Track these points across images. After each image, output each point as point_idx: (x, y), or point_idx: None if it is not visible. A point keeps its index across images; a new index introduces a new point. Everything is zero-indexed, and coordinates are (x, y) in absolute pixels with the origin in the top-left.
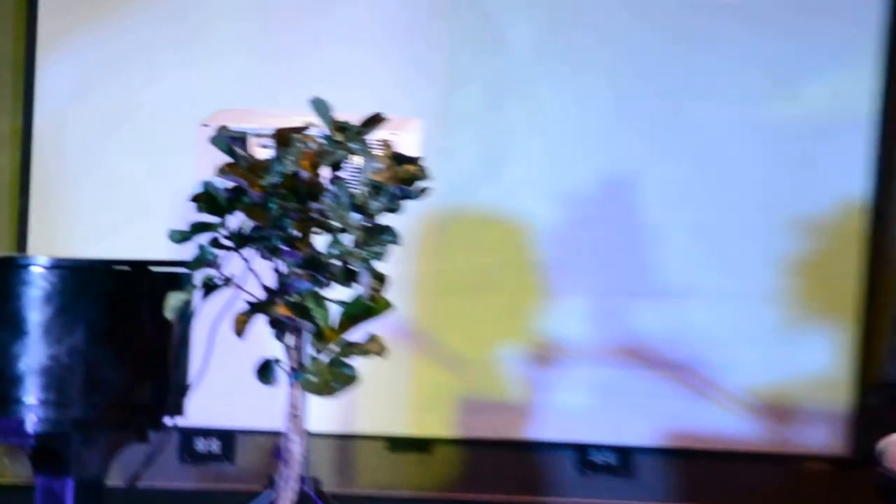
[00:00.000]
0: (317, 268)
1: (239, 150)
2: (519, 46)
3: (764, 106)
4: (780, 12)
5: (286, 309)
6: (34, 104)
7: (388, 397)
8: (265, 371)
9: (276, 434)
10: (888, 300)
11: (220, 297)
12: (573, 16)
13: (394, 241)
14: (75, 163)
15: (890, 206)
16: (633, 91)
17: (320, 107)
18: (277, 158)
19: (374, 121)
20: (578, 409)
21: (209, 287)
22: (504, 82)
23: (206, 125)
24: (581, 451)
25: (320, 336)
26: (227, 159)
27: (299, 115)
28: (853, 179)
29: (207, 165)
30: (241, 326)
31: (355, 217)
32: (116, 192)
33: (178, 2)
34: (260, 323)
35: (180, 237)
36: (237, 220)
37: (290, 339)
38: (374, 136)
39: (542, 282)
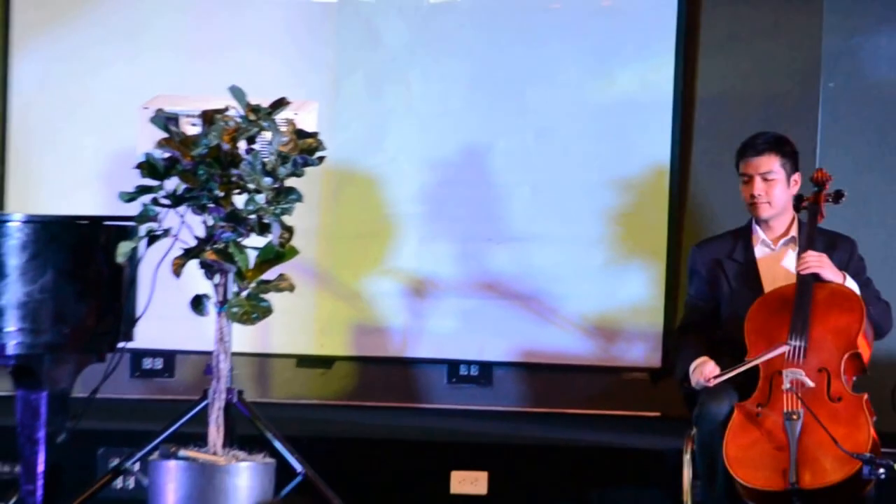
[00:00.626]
0: (237, 221)
1: (173, 128)
2: (393, 43)
3: (587, 89)
4: (597, 16)
5: (214, 254)
6: (8, 89)
7: (296, 323)
8: (198, 304)
9: (208, 354)
10: (687, 243)
11: (161, 245)
12: (435, 18)
13: (298, 200)
14: (43, 138)
15: (687, 168)
16: (485, 78)
17: (237, 93)
18: (204, 134)
19: (280, 104)
20: (448, 332)
21: (152, 237)
22: (382, 71)
23: (146, 107)
24: (451, 366)
25: (241, 276)
26: (164, 135)
27: (220, 100)
28: (659, 147)
29: (148, 140)
30: (177, 269)
31: (267, 181)
32: (76, 161)
33: (123, 9)
34: (192, 266)
35: (128, 197)
36: (173, 184)
37: (217, 278)
38: (280, 116)
39: (416, 231)
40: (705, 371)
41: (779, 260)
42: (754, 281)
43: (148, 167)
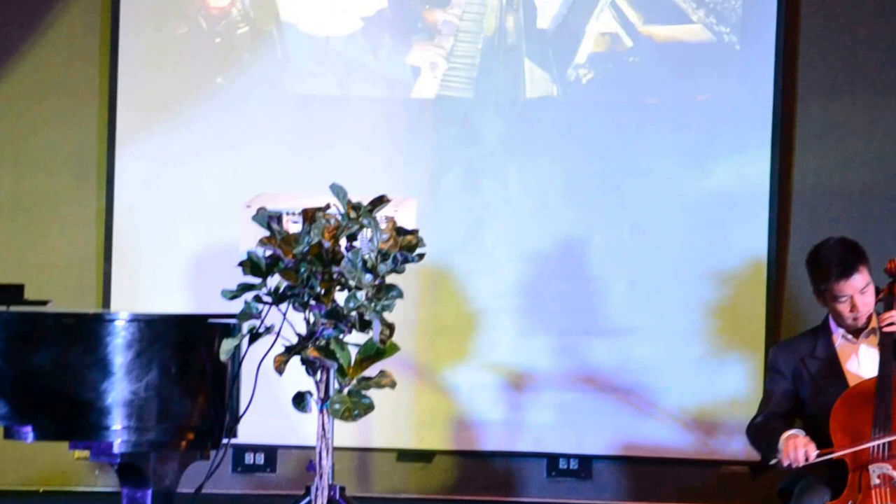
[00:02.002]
0: (338, 318)
1: (275, 226)
2: (490, 138)
3: (683, 183)
4: (693, 110)
5: (315, 351)
6: (114, 189)
7: (397, 418)
8: (300, 401)
9: (309, 448)
10: (785, 334)
11: (263, 342)
12: (532, 113)
13: (399, 296)
14: (146, 236)
15: (785, 260)
16: (581, 172)
17: (338, 191)
18: (305, 232)
19: (380, 201)
20: (547, 425)
21: (254, 335)
22: (479, 167)
23: (248, 206)
24: (550, 460)
25: (342, 372)
26: (266, 233)
27: (321, 197)
28: (756, 240)
29: (251, 237)
30: (280, 365)
31: (368, 277)
32: (179, 259)
33: (225, 104)
34: (294, 362)
35: (230, 295)
36: (275, 281)
37: (319, 375)
38: (380, 213)
39: (514, 324)
40: (798, 443)
41: (859, 352)
42: (838, 375)
43: (250, 265)
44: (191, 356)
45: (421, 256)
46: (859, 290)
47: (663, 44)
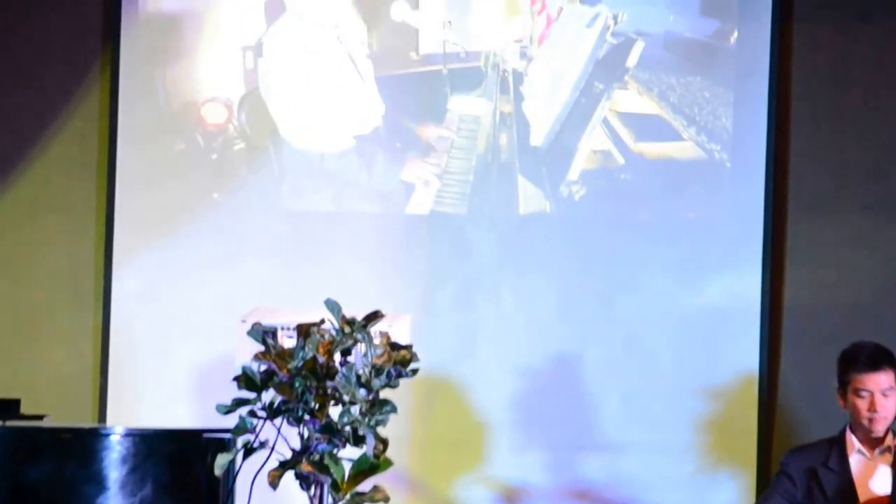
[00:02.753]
0: (333, 433)
1: (270, 341)
2: (484, 253)
3: (675, 298)
4: (684, 227)
5: (309, 466)
6: (111, 304)
7: None
8: None
9: None
10: (777, 451)
11: (258, 456)
12: (525, 230)
13: (393, 411)
14: (142, 351)
15: (776, 376)
16: (574, 287)
17: (332, 306)
18: (300, 347)
19: (374, 316)
20: None
21: (248, 449)
22: (473, 283)
23: (244, 321)
24: None
25: (336, 487)
26: (261, 348)
27: (316, 312)
28: (747, 355)
29: (246, 352)
30: (274, 480)
31: (362, 393)
32: (174, 373)
33: (222, 220)
34: (289, 477)
35: (225, 410)
36: (269, 396)
37: (313, 490)
38: (375, 328)
39: (507, 438)
40: None
41: (874, 470)
42: (849, 491)
43: (245, 379)
44: (185, 471)
45: (415, 371)
46: (882, 390)
47: (655, 161)
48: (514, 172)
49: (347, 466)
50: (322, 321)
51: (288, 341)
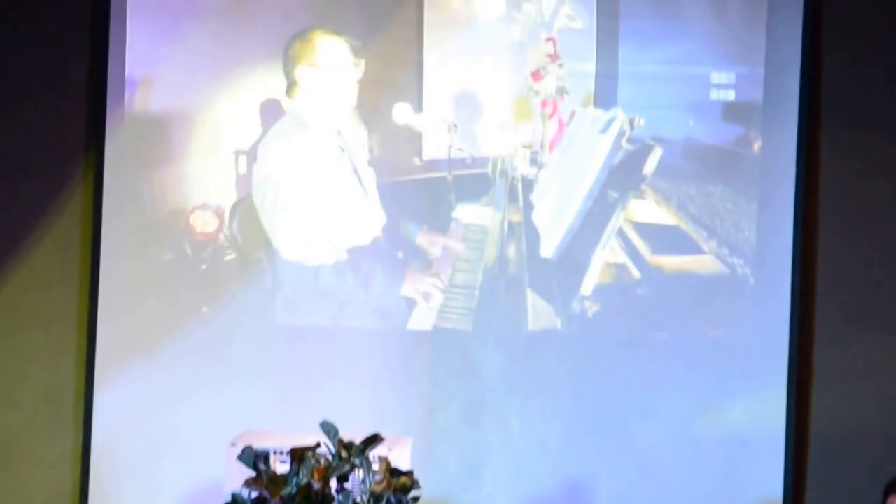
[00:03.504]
0: None
1: (262, 466)
2: (490, 374)
3: (694, 423)
4: (705, 346)
5: None
6: (92, 425)
7: None
8: None
9: None
10: None
11: None
12: (534, 348)
13: None
14: (125, 474)
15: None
16: (586, 410)
17: (328, 429)
18: (294, 472)
19: (373, 440)
20: None
21: None
22: (478, 404)
23: (234, 444)
24: None
25: None
26: (252, 473)
27: (311, 435)
28: (770, 484)
29: (236, 477)
30: None
31: None
32: (159, 497)
33: (211, 335)
34: None
35: None
36: None
37: None
38: (374, 453)
39: None
40: None
41: None
42: None
43: None
44: None
45: (416, 500)
46: None
47: (673, 275)
48: (523, 286)
49: None
50: (317, 445)
51: (281, 466)
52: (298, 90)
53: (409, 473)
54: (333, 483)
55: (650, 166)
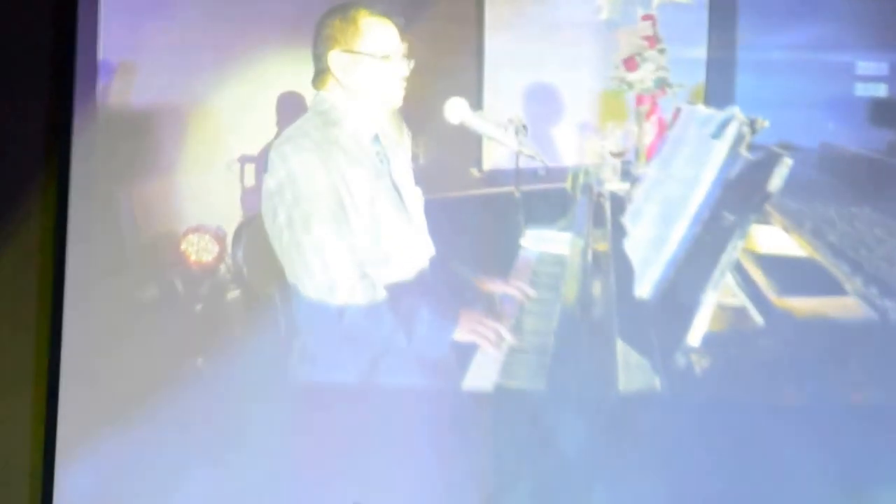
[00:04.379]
0: None
1: None
2: (569, 447)
3: None
4: (848, 415)
5: None
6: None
7: None
8: None
9: None
10: None
11: None
12: (626, 415)
13: None
14: None
15: None
16: (692, 495)
17: None
18: None
19: None
20: None
21: None
22: (554, 485)
23: None
24: None
25: None
26: None
27: None
28: None
29: None
30: None
31: None
32: None
33: (206, 397)
34: None
35: None
36: None
37: None
38: None
39: None
40: None
41: None
42: None
43: None
44: None
45: None
46: None
47: (806, 322)
48: (612, 334)
49: None
50: None
51: None
52: (330, 81)
53: None
54: None
55: (777, 181)
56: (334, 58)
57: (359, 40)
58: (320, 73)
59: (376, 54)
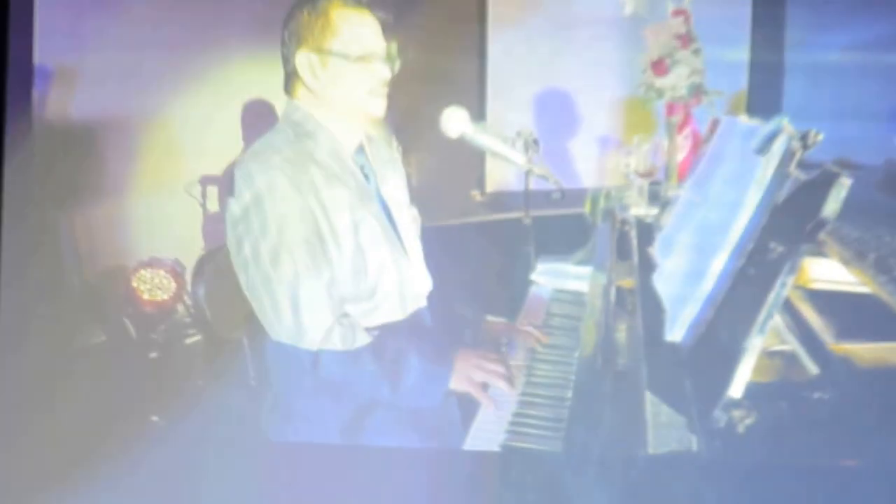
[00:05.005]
0: None
1: None
2: None
3: None
4: None
5: None
6: None
7: None
8: None
9: None
10: None
11: None
12: (656, 481)
13: None
14: None
15: None
16: None
17: None
18: None
19: None
20: None
21: None
22: None
23: None
24: None
25: None
26: None
27: None
28: None
29: None
30: None
31: None
32: None
33: (163, 459)
34: None
35: None
36: None
37: None
38: None
39: None
40: None
41: None
42: None
43: None
44: None
45: None
46: None
47: (870, 371)
48: (640, 386)
49: None
50: None
51: None
52: (301, 87)
53: None
54: None
55: (833, 205)
56: (301, 59)
57: (330, 38)
58: (290, 78)
59: (350, 54)
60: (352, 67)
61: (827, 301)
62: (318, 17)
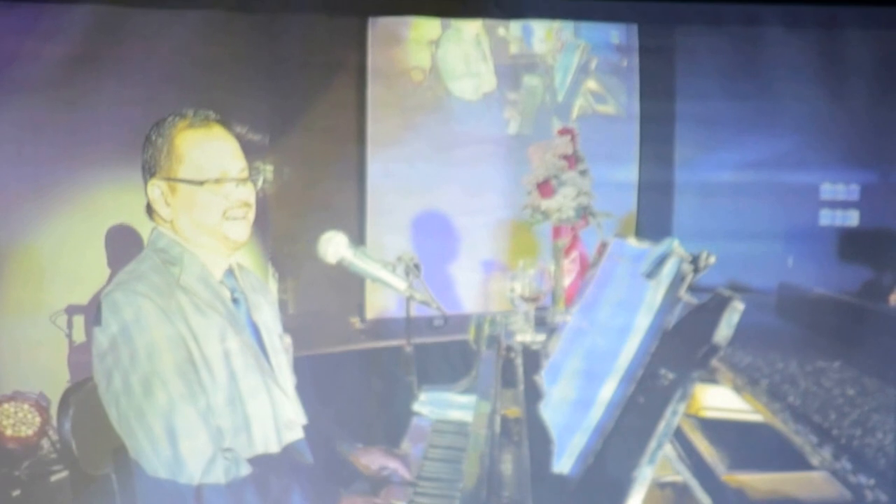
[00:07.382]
0: None
1: None
2: None
3: None
4: None
5: None
6: None
7: None
8: None
9: None
10: None
11: None
12: None
13: None
14: None
15: None
16: None
17: None
18: None
19: None
20: None
21: None
22: None
23: None
24: None
25: None
26: None
27: None
28: None
29: None
30: None
31: None
32: None
33: None
34: None
35: None
36: None
37: None
38: None
39: None
40: None
41: None
42: None
43: None
44: None
45: None
46: None
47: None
48: None
49: None
50: None
51: None
52: (164, 209)
53: None
54: None
55: (726, 330)
56: (152, 189)
57: (176, 164)
58: (150, 205)
59: (198, 179)
60: (202, 192)
61: (719, 430)
62: (164, 142)
